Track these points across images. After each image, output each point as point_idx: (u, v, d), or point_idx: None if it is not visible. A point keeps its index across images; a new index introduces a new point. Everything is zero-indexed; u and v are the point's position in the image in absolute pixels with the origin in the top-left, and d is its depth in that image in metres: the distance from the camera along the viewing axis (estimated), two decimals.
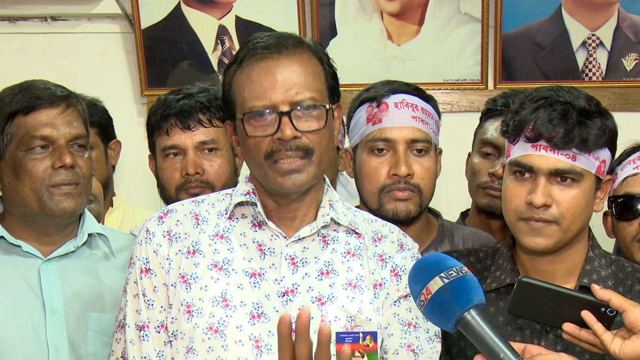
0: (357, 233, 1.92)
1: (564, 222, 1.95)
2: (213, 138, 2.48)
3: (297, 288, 1.83)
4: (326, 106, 1.81)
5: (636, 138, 2.48)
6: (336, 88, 1.89)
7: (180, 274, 1.83)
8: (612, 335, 1.73)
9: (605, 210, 2.42)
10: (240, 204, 1.89)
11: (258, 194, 1.88)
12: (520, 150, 1.97)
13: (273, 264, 1.84)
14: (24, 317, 2.11)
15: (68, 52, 3.98)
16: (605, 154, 1.99)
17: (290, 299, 1.82)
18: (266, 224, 1.87)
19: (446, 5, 3.75)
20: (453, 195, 3.14)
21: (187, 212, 1.90)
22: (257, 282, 1.83)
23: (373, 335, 1.75)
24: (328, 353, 1.51)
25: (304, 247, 1.87)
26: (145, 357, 1.83)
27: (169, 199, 2.49)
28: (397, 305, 1.88)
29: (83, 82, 3.37)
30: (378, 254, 1.91)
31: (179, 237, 1.87)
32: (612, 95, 3.74)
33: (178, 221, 1.89)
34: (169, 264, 1.85)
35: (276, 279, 1.83)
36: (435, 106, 2.42)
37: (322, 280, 1.85)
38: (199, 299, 1.80)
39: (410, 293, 1.72)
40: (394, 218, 2.29)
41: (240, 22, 3.82)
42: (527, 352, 1.72)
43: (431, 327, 1.89)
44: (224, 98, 1.88)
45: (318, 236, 1.89)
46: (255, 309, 1.80)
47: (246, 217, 1.89)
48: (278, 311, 1.81)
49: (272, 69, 1.79)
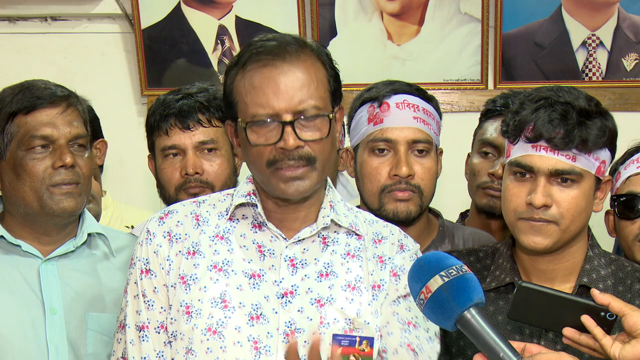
0: (358, 234, 1.92)
1: (564, 222, 1.95)
2: (212, 138, 2.48)
3: (297, 289, 1.83)
4: (329, 115, 1.81)
5: (636, 138, 2.48)
6: (338, 90, 1.88)
7: (180, 275, 1.83)
8: (612, 339, 1.73)
9: (607, 208, 2.43)
10: (240, 205, 1.89)
11: (259, 195, 1.88)
12: (520, 150, 1.97)
13: (272, 266, 1.84)
14: (24, 317, 2.11)
15: (68, 52, 3.98)
16: (605, 155, 1.99)
17: (289, 301, 1.82)
18: (266, 225, 1.86)
19: (446, 5, 3.75)
20: (453, 195, 3.14)
21: (188, 213, 1.90)
22: (257, 284, 1.82)
23: (370, 340, 1.75)
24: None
25: (304, 249, 1.87)
26: (145, 358, 1.83)
27: (169, 199, 2.49)
28: (397, 304, 1.88)
29: (83, 82, 3.37)
30: (378, 255, 1.91)
31: (180, 238, 1.87)
32: (612, 95, 3.74)
33: (179, 222, 1.89)
34: (169, 265, 1.85)
35: (275, 281, 1.83)
36: (436, 107, 2.42)
37: (322, 281, 1.84)
38: (198, 300, 1.80)
39: (409, 293, 1.73)
40: (395, 218, 2.29)
41: (240, 22, 3.82)
42: (527, 351, 1.72)
43: (431, 327, 1.89)
44: (225, 99, 1.87)
45: (318, 237, 1.88)
46: (254, 310, 1.80)
47: (246, 218, 1.89)
48: (277, 312, 1.81)
49: (275, 77, 1.78)
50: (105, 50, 3.98)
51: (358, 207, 2.15)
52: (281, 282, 1.83)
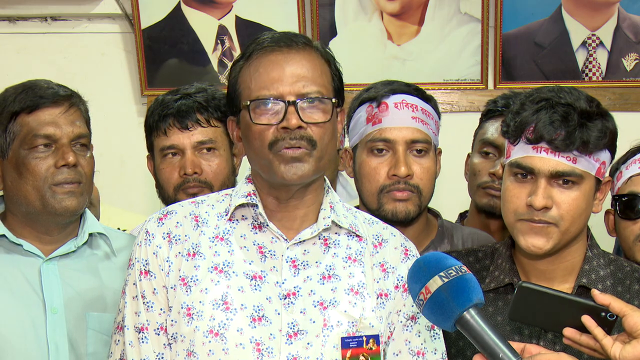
0: (358, 236, 1.91)
1: (564, 224, 1.95)
2: (211, 138, 2.48)
3: (299, 291, 1.83)
4: (332, 100, 1.82)
5: (637, 138, 2.48)
6: (341, 91, 1.89)
7: (180, 277, 1.83)
8: (613, 339, 1.74)
9: (606, 208, 2.42)
10: (240, 206, 1.89)
11: (259, 194, 1.88)
12: (520, 151, 1.97)
13: (274, 267, 1.84)
14: (25, 316, 2.11)
15: (68, 52, 3.98)
16: (605, 156, 1.99)
17: (292, 302, 1.81)
18: (267, 226, 1.86)
19: (446, 5, 3.75)
20: (452, 195, 3.14)
21: (187, 214, 1.90)
22: (258, 285, 1.82)
23: (375, 338, 1.77)
24: None
25: (305, 250, 1.86)
26: None
27: (168, 199, 2.49)
28: (409, 329, 1.88)
29: (83, 82, 3.35)
30: (380, 263, 1.91)
31: (179, 239, 1.86)
32: (612, 95, 3.74)
33: (178, 223, 1.88)
34: (169, 266, 1.84)
35: (277, 282, 1.83)
36: (435, 107, 2.42)
37: (324, 284, 1.84)
38: (200, 302, 1.80)
39: (416, 312, 1.77)
40: (393, 218, 2.29)
41: (240, 22, 3.82)
42: (527, 352, 1.72)
43: (438, 348, 1.90)
44: (229, 94, 1.89)
45: (319, 239, 1.88)
46: (256, 312, 1.80)
47: (246, 219, 1.89)
48: (280, 314, 1.80)
49: (281, 62, 1.81)
50: (105, 50, 3.98)
51: (357, 208, 2.16)
52: (283, 284, 1.83)
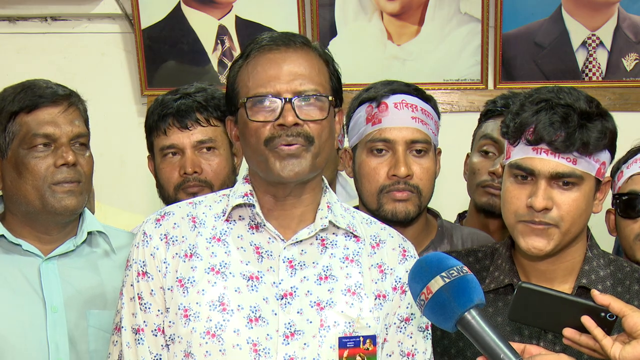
0: (356, 236, 1.91)
1: (564, 225, 1.94)
2: (211, 137, 2.49)
3: (296, 291, 1.82)
4: (329, 97, 1.83)
5: (636, 138, 2.48)
6: (339, 92, 1.90)
7: (177, 278, 1.83)
8: (612, 340, 1.73)
9: (607, 207, 2.43)
10: (237, 206, 1.89)
11: (256, 194, 1.88)
12: (520, 152, 1.96)
13: (271, 267, 1.84)
14: (24, 316, 2.11)
15: (68, 52, 3.98)
16: (605, 156, 1.98)
17: (289, 302, 1.81)
18: (264, 226, 1.86)
19: (446, 5, 3.75)
20: (452, 195, 3.14)
21: (184, 215, 1.90)
22: (255, 285, 1.82)
23: (372, 338, 1.77)
24: None
25: (302, 250, 1.86)
26: None
27: (168, 199, 2.50)
28: (402, 331, 1.89)
29: (83, 82, 3.34)
30: (377, 264, 1.90)
31: (176, 240, 1.86)
32: (612, 95, 3.74)
33: (175, 224, 1.88)
34: (166, 268, 1.84)
35: (274, 282, 1.82)
36: (434, 107, 2.42)
37: (321, 284, 1.84)
38: (196, 303, 1.80)
39: (412, 314, 1.78)
40: (393, 219, 2.29)
41: (240, 22, 3.82)
42: (527, 353, 1.72)
43: (428, 348, 1.92)
44: (227, 93, 1.89)
45: (316, 239, 1.88)
46: (252, 313, 1.80)
47: (243, 219, 1.88)
48: (277, 314, 1.80)
49: (279, 60, 1.82)
50: (105, 50, 3.98)
51: (356, 208, 2.16)
52: (280, 284, 1.82)
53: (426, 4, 3.74)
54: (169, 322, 1.82)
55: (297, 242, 1.86)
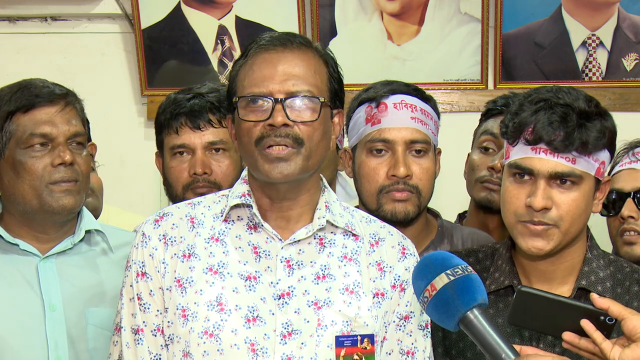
0: (355, 235, 1.91)
1: (563, 225, 1.94)
2: (222, 139, 2.48)
3: (293, 291, 1.82)
4: (321, 99, 1.81)
5: (636, 138, 2.48)
6: (340, 93, 1.89)
7: (175, 278, 1.83)
8: (612, 343, 1.73)
9: None
10: (236, 206, 1.89)
11: (254, 194, 1.88)
12: (519, 152, 1.96)
13: (268, 267, 1.84)
14: (23, 314, 2.11)
15: (68, 52, 3.98)
16: (604, 156, 1.98)
17: (286, 302, 1.81)
18: (262, 226, 1.86)
19: (446, 5, 3.75)
20: (452, 195, 3.14)
21: (183, 216, 1.90)
22: (253, 285, 1.82)
23: (370, 337, 1.77)
24: None
25: (300, 250, 1.86)
26: None
27: (176, 198, 2.49)
28: (402, 329, 1.89)
29: (83, 82, 3.36)
30: (376, 262, 1.90)
31: (175, 241, 1.86)
32: (612, 95, 3.74)
33: (174, 225, 1.88)
34: (165, 268, 1.84)
35: (272, 282, 1.82)
36: (434, 107, 2.42)
37: (319, 284, 1.84)
38: (194, 303, 1.80)
39: (410, 312, 1.79)
40: (393, 219, 2.29)
41: (240, 22, 3.82)
42: (522, 353, 1.72)
43: (428, 346, 1.92)
44: (227, 92, 1.90)
45: (315, 239, 1.88)
46: (250, 312, 1.80)
47: (242, 220, 1.88)
48: (274, 314, 1.80)
49: (274, 61, 1.81)
50: (105, 50, 3.99)
51: (356, 208, 2.15)
52: (277, 284, 1.82)
53: (426, 4, 3.74)
54: (168, 322, 1.82)
55: (295, 242, 1.86)
